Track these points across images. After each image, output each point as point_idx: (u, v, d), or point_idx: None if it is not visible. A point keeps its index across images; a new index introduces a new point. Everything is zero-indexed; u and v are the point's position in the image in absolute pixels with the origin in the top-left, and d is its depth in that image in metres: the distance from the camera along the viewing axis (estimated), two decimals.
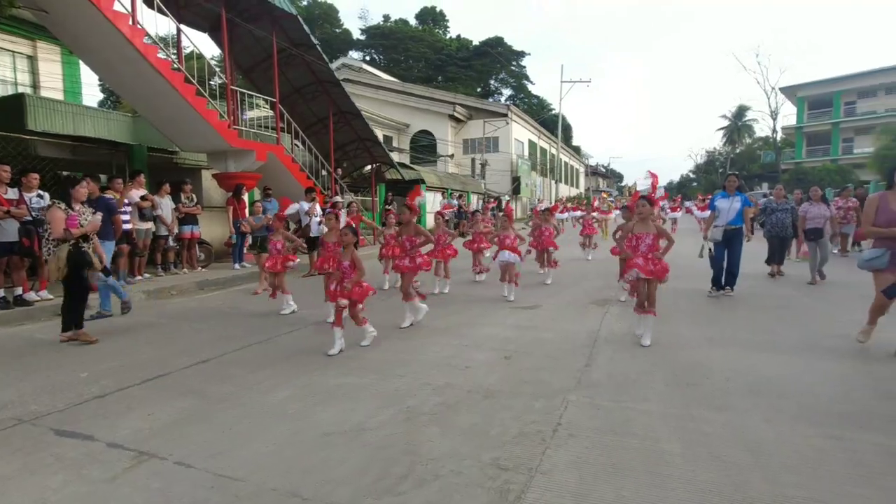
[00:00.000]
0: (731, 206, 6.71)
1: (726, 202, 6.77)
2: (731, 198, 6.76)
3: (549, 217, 8.75)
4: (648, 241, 4.71)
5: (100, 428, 3.07)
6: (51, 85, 12.99)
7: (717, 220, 6.81)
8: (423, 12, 56.70)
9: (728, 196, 6.80)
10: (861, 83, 37.35)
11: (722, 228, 6.73)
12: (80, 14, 7.56)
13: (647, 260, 4.65)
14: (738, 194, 6.81)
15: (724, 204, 6.79)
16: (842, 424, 2.97)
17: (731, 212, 6.70)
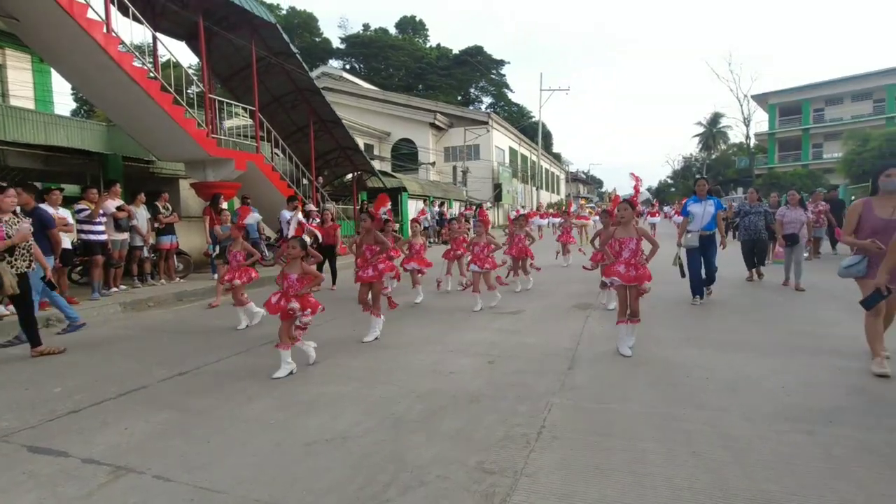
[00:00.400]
0: (704, 211, 6.58)
1: (699, 207, 6.62)
2: (703, 202, 6.62)
3: (524, 224, 8.55)
4: (632, 245, 4.52)
5: (74, 443, 2.99)
6: (21, 94, 12.69)
7: (690, 225, 6.64)
8: (402, 21, 57.04)
9: (700, 200, 6.65)
10: (828, 91, 38.75)
11: (697, 234, 6.60)
12: (52, 22, 7.42)
13: (628, 266, 4.48)
14: (711, 198, 6.68)
15: (697, 209, 6.63)
16: (814, 420, 3.06)
17: (704, 216, 6.59)
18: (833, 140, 36.97)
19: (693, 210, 6.66)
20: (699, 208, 6.62)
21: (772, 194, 12.45)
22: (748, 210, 8.60)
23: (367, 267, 5.33)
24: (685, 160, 63.34)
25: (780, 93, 40.94)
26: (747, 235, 8.48)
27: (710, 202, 6.63)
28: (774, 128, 41.86)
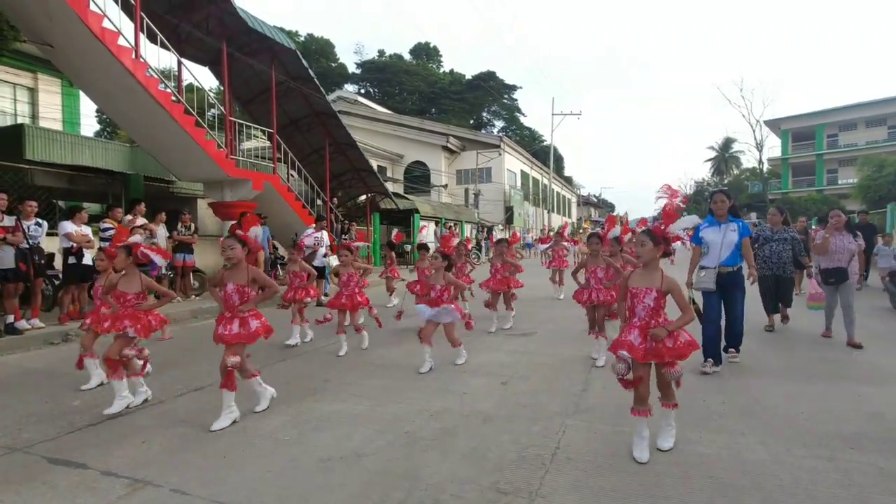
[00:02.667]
0: (724, 238, 4.67)
1: (717, 233, 4.71)
2: (722, 226, 4.72)
3: (506, 250, 7.39)
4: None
5: (93, 456, 3.03)
6: (50, 115, 13.17)
7: (704, 258, 4.78)
8: (417, 47, 58.31)
9: (719, 224, 4.74)
10: (842, 117, 38.66)
11: (714, 271, 4.66)
12: (84, 48, 7.76)
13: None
14: (733, 220, 4.76)
15: (714, 235, 4.72)
16: (834, 445, 3.01)
17: (725, 246, 4.67)
18: (848, 166, 36.72)
19: (708, 237, 4.76)
20: (717, 234, 4.72)
21: (800, 218, 10.97)
22: (769, 236, 6.60)
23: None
24: (697, 185, 63.22)
25: (793, 118, 40.92)
26: (768, 270, 6.46)
27: (733, 226, 4.70)
28: (788, 153, 41.72)
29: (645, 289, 2.99)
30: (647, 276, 3.03)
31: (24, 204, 6.44)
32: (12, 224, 6.22)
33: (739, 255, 4.73)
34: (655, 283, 2.98)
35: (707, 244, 4.77)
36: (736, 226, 4.72)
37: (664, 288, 2.96)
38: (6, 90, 12.84)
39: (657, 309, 2.98)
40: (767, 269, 6.50)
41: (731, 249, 4.67)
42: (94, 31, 7.49)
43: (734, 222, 4.73)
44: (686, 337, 2.97)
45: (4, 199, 6.23)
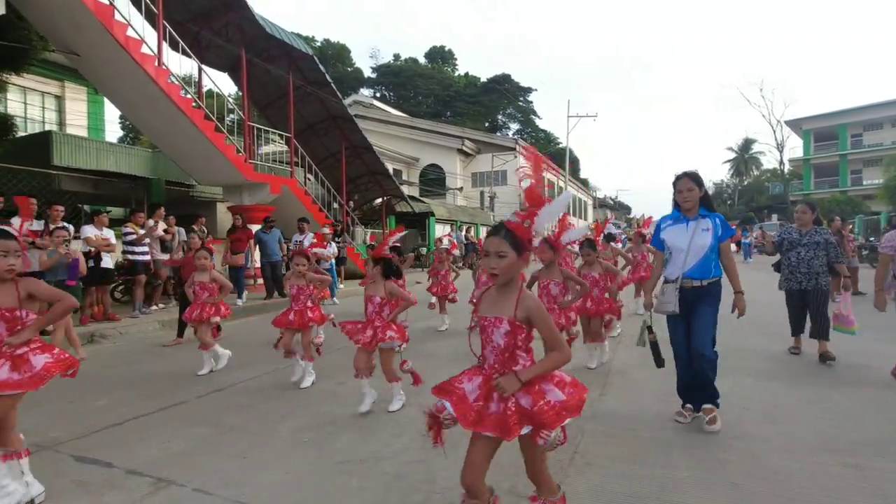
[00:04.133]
0: (692, 241, 3.38)
1: (682, 233, 3.44)
2: (691, 223, 3.43)
3: (446, 257, 7.26)
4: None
5: (118, 455, 3.11)
6: (76, 122, 13.54)
7: (668, 267, 3.50)
8: (432, 51, 58.57)
9: (686, 220, 3.46)
10: (866, 116, 37.74)
11: (675, 286, 3.39)
12: (109, 56, 7.98)
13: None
14: (707, 214, 3.44)
15: (679, 236, 3.45)
16: (861, 453, 2.93)
17: (692, 251, 3.38)
18: (873, 166, 35.83)
19: (670, 239, 3.50)
20: (682, 235, 3.44)
21: (835, 218, 9.45)
22: (796, 239, 5.26)
23: None
24: (716, 186, 62.25)
25: (815, 118, 40.08)
26: (794, 282, 5.23)
27: (706, 223, 3.40)
28: (810, 153, 40.87)
29: (494, 318, 1.96)
30: (499, 300, 1.99)
31: (52, 208, 6.64)
32: (41, 228, 6.40)
33: (716, 264, 3.37)
34: (507, 310, 1.93)
35: (669, 248, 3.48)
36: (710, 223, 3.37)
37: (519, 315, 1.91)
38: (35, 98, 13.25)
39: (511, 349, 1.93)
40: (794, 281, 5.24)
41: (700, 255, 3.32)
42: (119, 40, 7.70)
43: (708, 218, 3.39)
44: (557, 395, 1.91)
45: (34, 204, 6.41)
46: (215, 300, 5.12)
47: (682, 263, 3.40)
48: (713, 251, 3.38)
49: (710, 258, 3.37)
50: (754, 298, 9.51)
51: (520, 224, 1.98)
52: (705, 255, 3.36)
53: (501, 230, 1.95)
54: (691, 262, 3.38)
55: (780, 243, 5.50)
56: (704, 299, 3.38)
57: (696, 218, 3.43)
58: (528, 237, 1.97)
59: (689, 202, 3.45)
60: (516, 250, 1.92)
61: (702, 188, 3.46)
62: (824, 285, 5.17)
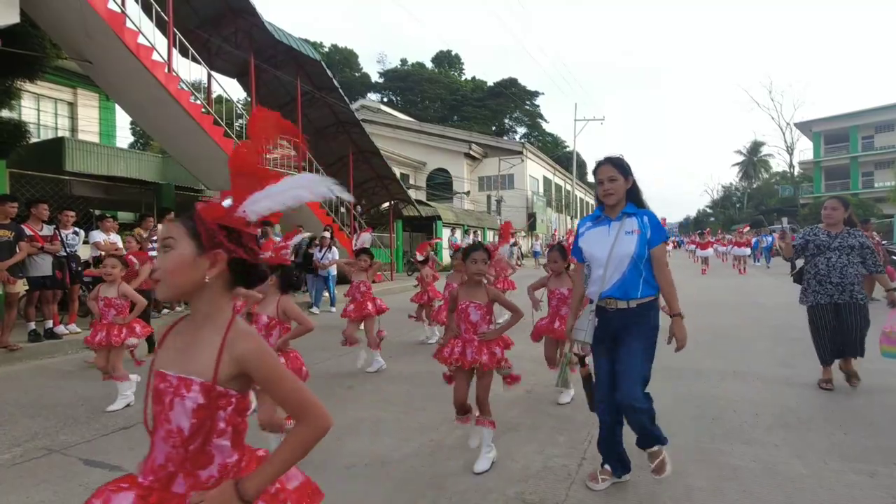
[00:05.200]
0: (614, 248, 2.57)
1: (602, 236, 2.65)
2: (613, 224, 2.64)
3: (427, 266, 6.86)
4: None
5: (127, 458, 3.12)
6: (88, 129, 13.72)
7: (590, 283, 2.71)
8: (438, 56, 58.76)
9: (607, 221, 2.67)
10: (878, 118, 37.33)
11: (590, 311, 2.63)
12: (121, 63, 8.08)
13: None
14: (634, 211, 2.65)
15: (598, 241, 2.65)
16: (875, 460, 2.88)
17: (613, 262, 2.58)
18: (884, 168, 35.42)
19: (588, 245, 2.71)
20: (602, 240, 2.64)
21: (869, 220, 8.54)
22: (825, 242, 4.26)
23: None
24: (725, 189, 61.82)
25: (825, 120, 39.71)
26: (824, 295, 4.22)
27: (632, 223, 2.60)
28: (820, 156, 40.48)
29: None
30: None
31: (63, 213, 6.72)
32: (50, 233, 6.48)
33: (647, 279, 2.54)
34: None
35: (587, 258, 2.68)
36: (636, 224, 2.56)
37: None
38: (48, 105, 13.45)
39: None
40: (823, 294, 4.22)
41: (623, 267, 2.52)
42: (130, 47, 7.80)
43: (634, 217, 2.58)
44: None
45: (46, 209, 6.51)
46: (125, 319, 4.22)
47: (601, 279, 2.57)
48: (641, 261, 2.53)
49: (636, 271, 2.53)
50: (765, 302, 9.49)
51: (214, 207, 1.21)
52: (630, 267, 2.52)
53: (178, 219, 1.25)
54: (612, 276, 2.54)
55: (804, 246, 4.41)
56: (632, 328, 2.54)
57: (620, 217, 2.60)
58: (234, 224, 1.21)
59: (613, 196, 2.59)
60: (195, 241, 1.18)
61: (629, 177, 2.62)
62: (860, 298, 4.15)
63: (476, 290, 3.09)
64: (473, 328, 3.05)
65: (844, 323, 4.19)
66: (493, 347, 3.04)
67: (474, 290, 3.09)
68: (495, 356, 3.03)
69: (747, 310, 8.77)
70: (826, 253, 4.27)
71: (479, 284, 3.10)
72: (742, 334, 6.73)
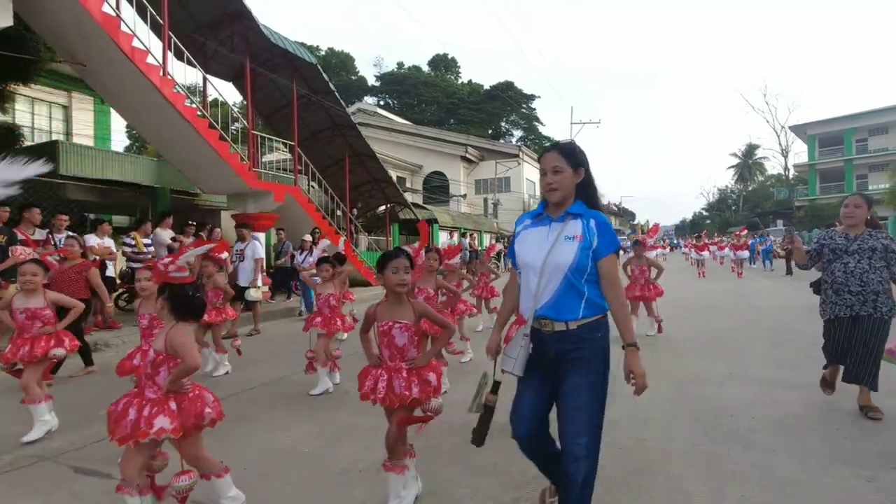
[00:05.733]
0: (550, 254, 2.03)
1: (540, 238, 2.11)
2: (553, 225, 2.11)
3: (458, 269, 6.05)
4: None
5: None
6: (83, 132, 13.65)
7: (522, 297, 2.18)
8: (435, 59, 58.87)
9: (548, 220, 2.14)
10: (872, 121, 37.59)
11: (522, 341, 2.09)
12: (116, 67, 8.03)
13: None
14: (581, 212, 2.09)
15: (532, 246, 2.12)
16: (874, 464, 2.87)
17: (548, 271, 2.04)
18: (878, 171, 35.61)
19: (523, 250, 2.17)
20: (537, 244, 2.11)
21: None
22: (842, 245, 3.75)
23: None
24: (720, 192, 62.07)
25: (819, 123, 39.95)
26: (843, 305, 3.68)
27: (575, 225, 2.07)
28: (815, 159, 40.69)
29: None
30: None
31: (56, 218, 6.66)
32: (43, 237, 6.43)
33: (592, 296, 2.06)
34: None
35: (521, 264, 2.16)
36: (579, 226, 2.06)
37: None
38: (42, 109, 13.38)
39: None
40: (841, 306, 3.67)
41: (559, 280, 2.03)
42: (125, 51, 7.76)
43: (581, 218, 2.08)
44: None
45: (38, 214, 6.45)
46: (51, 329, 3.76)
47: (533, 292, 2.05)
48: (581, 274, 2.01)
49: (573, 286, 2.01)
50: (762, 305, 9.53)
51: None
52: (567, 280, 2.00)
53: None
54: (546, 290, 2.03)
55: (819, 251, 3.90)
56: (574, 357, 2.03)
57: (563, 218, 2.08)
58: None
59: (557, 192, 2.07)
60: None
61: (579, 169, 2.10)
62: (886, 312, 3.58)
63: (398, 306, 2.54)
64: (401, 354, 2.53)
65: (861, 339, 3.59)
66: (426, 375, 2.53)
67: (397, 307, 2.54)
68: (429, 386, 2.51)
69: (744, 312, 8.78)
70: (843, 258, 3.70)
71: (401, 299, 2.55)
72: (739, 337, 6.72)
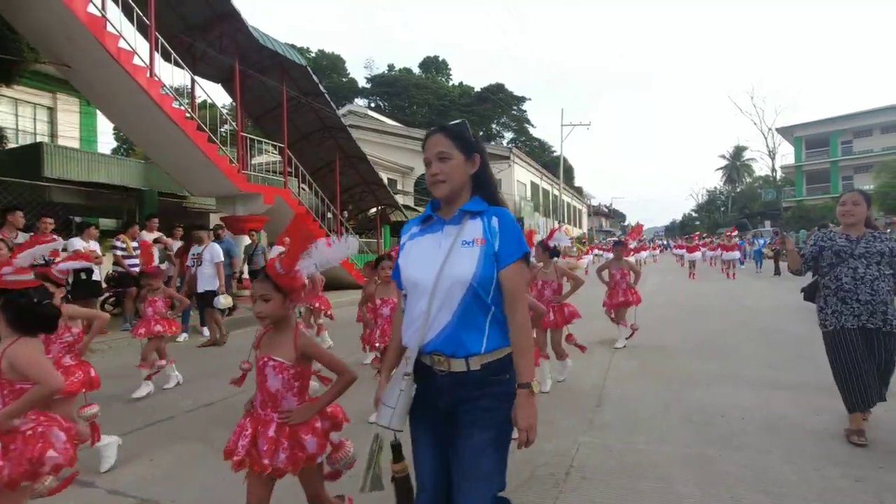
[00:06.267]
0: (443, 268, 1.53)
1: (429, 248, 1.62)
2: (446, 228, 1.61)
3: None
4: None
5: (101, 475, 3.01)
6: (68, 134, 13.46)
7: (406, 325, 1.62)
8: (426, 61, 58.92)
9: (440, 224, 1.64)
10: (856, 123, 38.22)
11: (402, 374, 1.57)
12: (101, 68, 7.93)
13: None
14: (481, 209, 1.61)
15: (419, 258, 1.62)
16: (863, 464, 2.88)
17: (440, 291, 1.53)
18: (864, 172, 36.15)
19: (406, 263, 1.66)
20: (426, 254, 1.62)
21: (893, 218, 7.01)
22: (846, 248, 3.34)
23: None
24: (709, 193, 62.65)
25: (806, 125, 40.53)
26: (851, 315, 3.24)
27: (474, 227, 1.58)
28: (801, 160, 41.25)
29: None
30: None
31: (41, 221, 6.55)
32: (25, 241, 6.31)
33: (495, 323, 1.57)
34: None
35: (405, 283, 1.66)
36: (479, 227, 1.60)
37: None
38: (27, 110, 13.18)
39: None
40: (848, 315, 3.23)
41: (456, 301, 1.53)
42: (111, 52, 7.66)
43: (481, 217, 1.62)
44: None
45: (21, 217, 6.33)
46: None
47: (423, 319, 1.54)
48: (487, 288, 1.54)
49: (480, 307, 1.54)
50: (752, 306, 9.60)
51: None
52: (468, 300, 1.52)
53: None
54: (441, 315, 1.53)
55: (817, 254, 3.46)
56: (477, 409, 1.55)
57: (459, 219, 1.61)
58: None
59: (445, 184, 1.59)
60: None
61: (473, 156, 1.63)
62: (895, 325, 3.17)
63: (278, 337, 1.99)
64: (273, 401, 1.96)
65: (876, 355, 3.22)
66: (304, 434, 1.95)
67: (273, 339, 2.00)
68: (304, 453, 1.94)
69: (734, 313, 8.84)
70: (849, 261, 3.29)
71: (282, 330, 1.98)
72: (729, 338, 6.76)
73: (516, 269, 1.56)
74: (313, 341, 2.08)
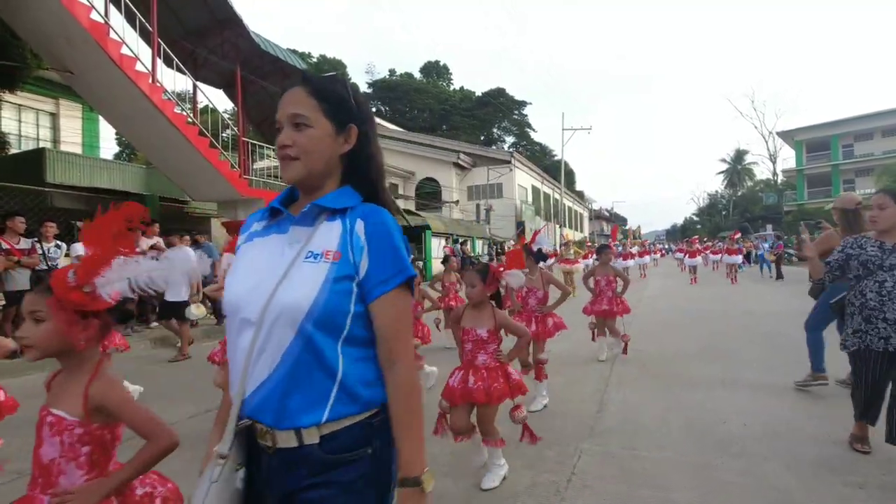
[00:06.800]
0: (275, 294, 0.99)
1: (267, 255, 1.08)
2: (290, 231, 1.09)
3: None
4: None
5: None
6: (71, 140, 13.53)
7: (231, 374, 1.08)
8: (427, 66, 59.12)
9: (287, 221, 1.11)
10: (857, 126, 38.22)
11: (214, 469, 1.00)
12: (104, 74, 7.97)
13: None
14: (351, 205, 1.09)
15: (245, 272, 1.09)
16: (865, 471, 2.87)
17: (266, 329, 0.99)
18: (865, 176, 36.15)
19: (232, 278, 1.12)
20: (262, 264, 1.07)
21: None
22: (876, 257, 2.94)
23: None
24: (710, 197, 62.60)
25: (806, 129, 40.55)
26: (875, 336, 2.90)
27: (330, 231, 1.06)
28: (802, 164, 41.25)
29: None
30: None
31: (44, 226, 6.57)
32: (28, 246, 6.33)
33: (347, 375, 1.01)
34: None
35: (227, 306, 1.08)
36: (336, 232, 1.05)
37: None
38: (29, 116, 13.25)
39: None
40: (873, 336, 2.89)
41: (289, 339, 0.99)
42: (113, 58, 7.70)
43: (342, 218, 1.08)
44: None
45: (22, 223, 6.36)
46: None
47: (241, 367, 1.03)
48: (335, 326, 1.02)
49: (321, 352, 1.01)
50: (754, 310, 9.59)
51: None
52: (303, 342, 1.00)
53: None
54: (263, 360, 1.01)
55: (843, 264, 3.07)
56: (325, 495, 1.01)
57: (309, 218, 1.10)
58: None
59: (298, 162, 1.10)
60: None
61: (347, 125, 1.14)
62: None
63: (66, 381, 1.50)
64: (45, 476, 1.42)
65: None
66: None
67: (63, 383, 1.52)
68: None
69: (736, 318, 8.82)
70: (876, 274, 2.88)
71: (72, 372, 1.47)
72: (731, 342, 6.75)
73: (395, 300, 1.03)
74: (116, 390, 1.43)
